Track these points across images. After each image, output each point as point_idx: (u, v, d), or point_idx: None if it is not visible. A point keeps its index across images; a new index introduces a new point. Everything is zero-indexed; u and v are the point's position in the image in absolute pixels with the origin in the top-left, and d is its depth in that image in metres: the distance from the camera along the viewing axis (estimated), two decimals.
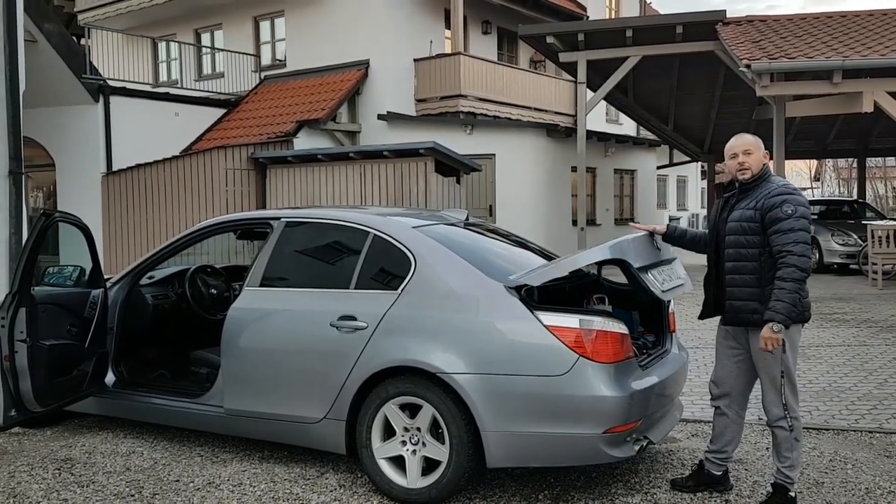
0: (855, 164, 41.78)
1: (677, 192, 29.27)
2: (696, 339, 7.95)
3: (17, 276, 4.20)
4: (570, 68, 15.58)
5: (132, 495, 3.98)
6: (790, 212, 3.50)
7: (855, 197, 22.37)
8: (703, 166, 26.93)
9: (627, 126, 22.80)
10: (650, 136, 21.34)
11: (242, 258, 8.73)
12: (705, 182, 25.63)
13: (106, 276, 5.11)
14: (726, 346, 3.85)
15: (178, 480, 4.19)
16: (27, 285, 4.26)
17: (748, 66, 10.72)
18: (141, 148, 13.76)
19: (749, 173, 3.68)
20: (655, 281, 3.89)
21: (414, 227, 4.26)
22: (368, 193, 12.63)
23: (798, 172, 44.56)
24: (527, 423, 3.63)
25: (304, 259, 4.63)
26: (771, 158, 15.61)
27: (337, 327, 4.05)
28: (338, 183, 12.90)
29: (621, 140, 18.56)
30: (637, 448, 3.74)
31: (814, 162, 43.06)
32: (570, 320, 3.59)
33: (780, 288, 3.45)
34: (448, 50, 16.93)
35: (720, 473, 3.95)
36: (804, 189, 43.54)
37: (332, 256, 4.56)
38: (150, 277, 5.43)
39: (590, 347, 3.59)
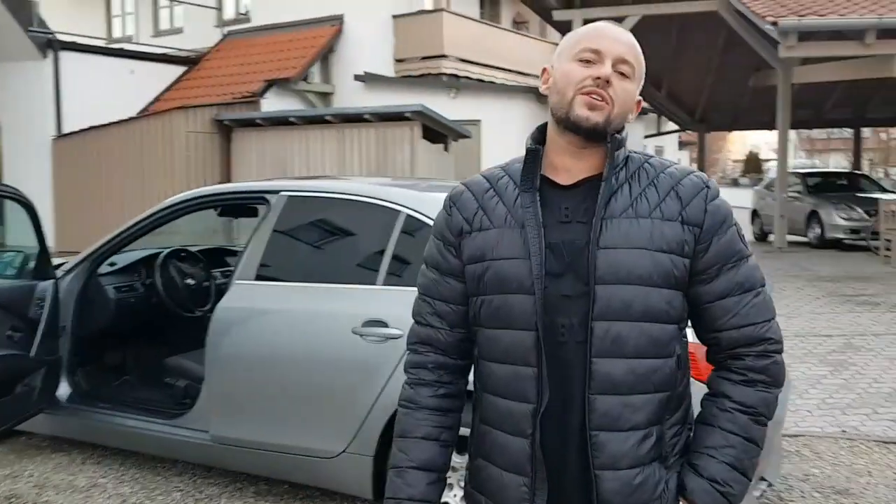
0: (828, 136, 41.81)
1: None
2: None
3: None
4: (564, 27, 14.55)
5: None
6: (742, 235, 1.47)
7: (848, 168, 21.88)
8: (679, 136, 26.26)
9: None
10: None
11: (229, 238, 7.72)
12: (686, 153, 24.95)
13: (58, 263, 4.11)
14: None
15: None
16: None
17: (774, 24, 9.81)
18: (94, 109, 12.52)
19: (607, 113, 1.38)
20: None
21: None
22: (348, 160, 11.56)
23: (767, 143, 43.99)
24: None
25: (314, 246, 3.68)
26: (773, 129, 15.15)
27: (361, 335, 3.13)
28: (313, 148, 11.80)
29: None
30: (757, 495, 2.94)
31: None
32: None
33: (742, 433, 1.42)
34: (429, 6, 15.79)
35: None
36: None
37: (351, 243, 3.62)
38: (112, 265, 4.38)
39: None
